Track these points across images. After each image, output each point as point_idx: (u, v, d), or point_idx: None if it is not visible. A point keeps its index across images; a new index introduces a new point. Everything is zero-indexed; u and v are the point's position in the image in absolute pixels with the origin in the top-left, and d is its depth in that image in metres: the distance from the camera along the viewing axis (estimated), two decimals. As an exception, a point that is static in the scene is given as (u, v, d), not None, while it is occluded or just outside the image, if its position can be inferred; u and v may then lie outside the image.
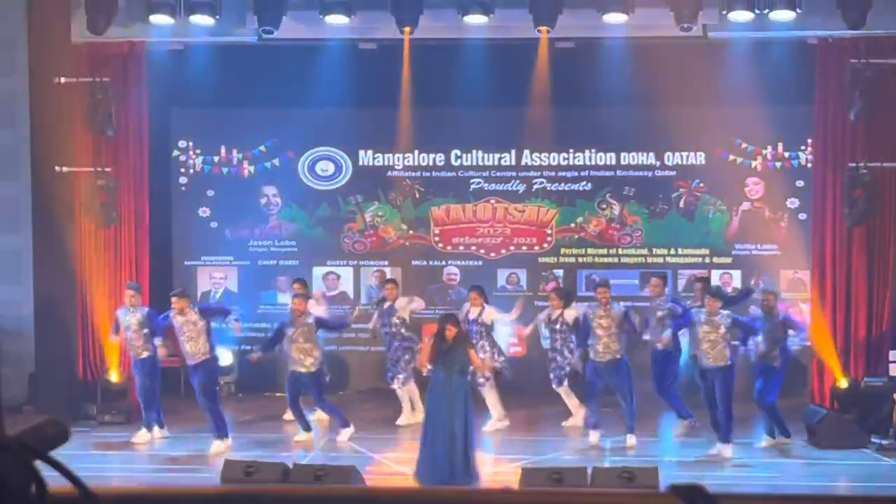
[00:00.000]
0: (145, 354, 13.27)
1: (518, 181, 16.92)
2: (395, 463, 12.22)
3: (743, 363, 12.98)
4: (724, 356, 12.34)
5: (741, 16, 13.99)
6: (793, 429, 13.16)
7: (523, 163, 16.87)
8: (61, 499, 1.46)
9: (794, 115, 15.83)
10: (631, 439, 12.96)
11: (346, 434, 13.36)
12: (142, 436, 13.35)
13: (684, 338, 13.33)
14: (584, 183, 16.82)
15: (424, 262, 17.03)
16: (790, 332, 13.07)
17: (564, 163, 16.79)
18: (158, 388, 13.57)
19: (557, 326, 14.07)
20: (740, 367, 12.86)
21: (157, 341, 13.27)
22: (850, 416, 13.24)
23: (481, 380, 13.60)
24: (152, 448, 13.17)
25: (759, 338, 12.69)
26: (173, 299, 13.01)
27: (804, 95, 15.11)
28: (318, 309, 14.23)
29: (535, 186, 16.90)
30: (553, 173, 16.83)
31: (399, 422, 14.34)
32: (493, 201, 16.95)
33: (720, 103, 15.80)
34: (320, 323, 13.53)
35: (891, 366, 13.61)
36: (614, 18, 14.03)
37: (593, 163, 16.78)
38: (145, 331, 13.24)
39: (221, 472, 10.34)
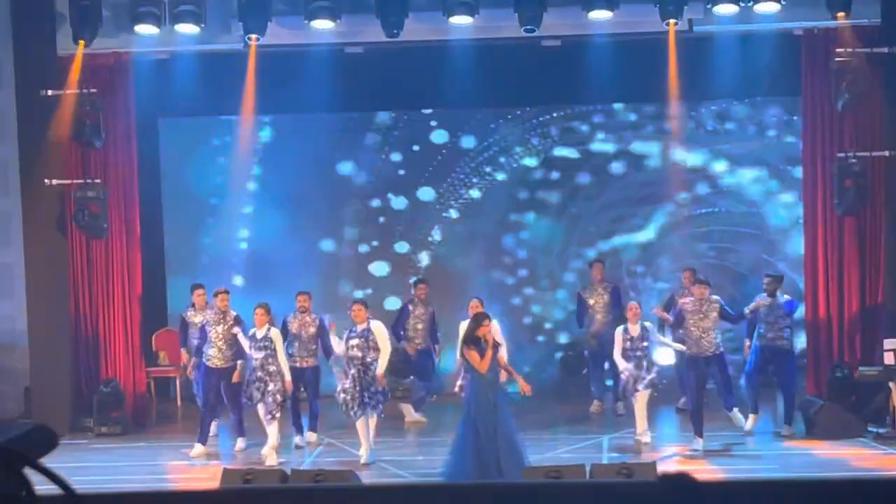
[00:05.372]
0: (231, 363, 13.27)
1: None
2: (394, 467, 12.20)
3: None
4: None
5: (726, 9, 14.00)
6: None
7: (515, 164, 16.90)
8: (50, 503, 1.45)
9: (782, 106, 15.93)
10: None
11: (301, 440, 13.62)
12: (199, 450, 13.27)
13: None
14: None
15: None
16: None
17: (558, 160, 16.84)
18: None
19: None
20: None
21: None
22: (846, 407, 13.24)
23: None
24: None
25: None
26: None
27: (791, 87, 15.16)
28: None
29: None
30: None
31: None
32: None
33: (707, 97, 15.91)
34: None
35: (885, 354, 13.58)
36: (599, 15, 13.99)
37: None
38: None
39: (220, 480, 10.30)
